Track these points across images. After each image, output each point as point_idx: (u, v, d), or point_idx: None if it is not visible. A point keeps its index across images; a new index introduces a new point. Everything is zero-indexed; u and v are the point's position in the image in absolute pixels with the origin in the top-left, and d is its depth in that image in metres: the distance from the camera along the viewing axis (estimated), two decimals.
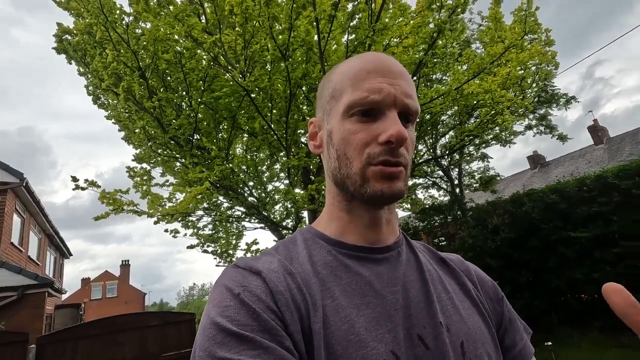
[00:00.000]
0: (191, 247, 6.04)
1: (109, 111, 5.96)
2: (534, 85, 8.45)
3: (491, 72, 5.84)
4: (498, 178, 11.20)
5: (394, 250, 0.56)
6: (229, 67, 4.78)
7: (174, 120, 5.13)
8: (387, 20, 5.31)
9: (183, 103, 5.54)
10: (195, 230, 6.15)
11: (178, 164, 6.15)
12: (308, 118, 5.42)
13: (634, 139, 16.37)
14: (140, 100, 4.72)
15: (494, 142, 9.81)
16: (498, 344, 0.54)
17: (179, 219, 5.43)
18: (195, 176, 4.72)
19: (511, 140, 10.06)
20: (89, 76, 5.64)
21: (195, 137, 5.44)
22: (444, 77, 9.10)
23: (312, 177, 5.93)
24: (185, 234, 5.98)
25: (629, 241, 5.77)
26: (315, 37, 4.67)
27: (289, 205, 6.40)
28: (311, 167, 6.05)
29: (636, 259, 5.68)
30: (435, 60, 6.55)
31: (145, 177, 5.74)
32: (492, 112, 6.34)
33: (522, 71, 6.93)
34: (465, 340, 0.49)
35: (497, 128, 7.29)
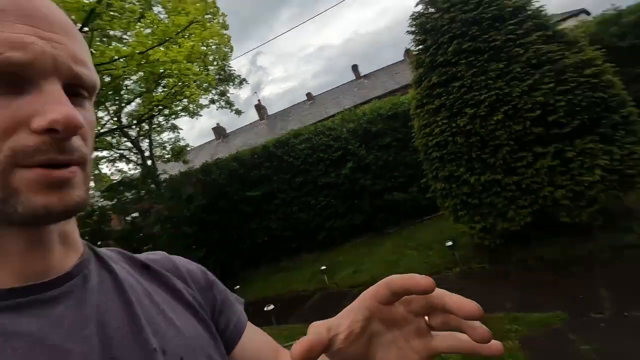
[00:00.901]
0: None
1: None
2: (215, 63, 9.33)
3: (177, 42, 5.82)
4: (188, 148, 11.69)
5: (76, 276, 0.41)
6: None
7: None
8: None
9: None
10: None
11: None
12: None
13: (282, 118, 22.12)
14: None
15: (182, 113, 10.05)
16: (218, 338, 0.52)
17: None
18: None
19: (198, 113, 10.71)
20: None
21: None
22: (124, 37, 8.12)
23: None
24: None
25: (283, 194, 7.88)
26: None
27: None
28: None
29: (285, 207, 7.87)
30: (112, 13, 5.67)
31: None
32: (180, 83, 6.41)
33: (205, 48, 7.42)
34: (184, 354, 0.43)
35: (185, 100, 7.49)
